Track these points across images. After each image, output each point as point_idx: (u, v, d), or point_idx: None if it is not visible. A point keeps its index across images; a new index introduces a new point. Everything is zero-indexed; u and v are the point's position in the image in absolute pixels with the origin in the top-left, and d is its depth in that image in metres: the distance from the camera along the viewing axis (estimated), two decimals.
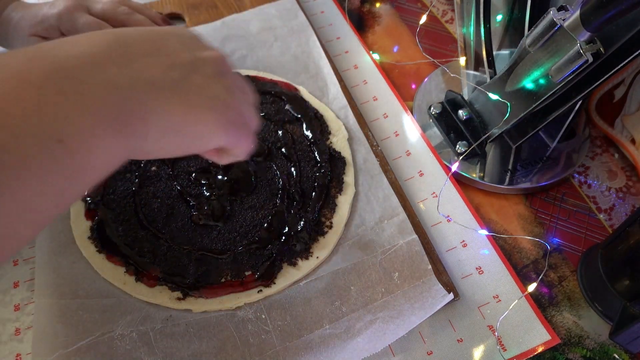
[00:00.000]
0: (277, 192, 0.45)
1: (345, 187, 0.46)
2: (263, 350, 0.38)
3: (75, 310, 0.39)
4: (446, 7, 0.67)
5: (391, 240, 0.43)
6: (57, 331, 0.38)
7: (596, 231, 0.46)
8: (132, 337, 0.38)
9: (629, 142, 0.50)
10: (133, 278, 0.41)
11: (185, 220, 0.44)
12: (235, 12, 0.62)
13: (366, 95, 0.56)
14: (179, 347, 0.38)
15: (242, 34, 0.60)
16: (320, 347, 0.38)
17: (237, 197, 0.45)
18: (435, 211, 0.47)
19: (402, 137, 0.52)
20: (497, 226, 0.47)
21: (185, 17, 0.62)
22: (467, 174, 0.49)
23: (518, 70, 0.42)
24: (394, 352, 0.39)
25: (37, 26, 0.51)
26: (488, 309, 0.41)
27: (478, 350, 0.39)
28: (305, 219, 0.43)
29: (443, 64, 0.57)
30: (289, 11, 0.61)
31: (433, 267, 0.41)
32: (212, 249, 0.42)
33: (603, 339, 0.40)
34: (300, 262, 0.42)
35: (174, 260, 0.42)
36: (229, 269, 0.41)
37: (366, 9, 0.67)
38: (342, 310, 0.40)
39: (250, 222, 0.44)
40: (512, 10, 0.52)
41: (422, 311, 0.38)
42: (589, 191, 0.49)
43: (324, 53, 0.56)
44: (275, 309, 0.40)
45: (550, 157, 0.50)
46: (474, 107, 0.49)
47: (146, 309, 0.40)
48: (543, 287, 0.43)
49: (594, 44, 0.36)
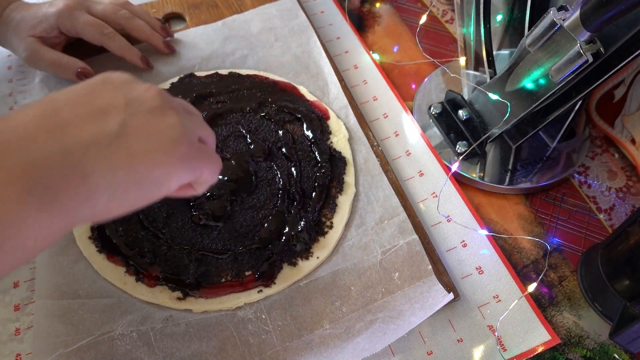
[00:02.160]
0: (278, 192, 0.45)
1: (345, 187, 0.46)
2: (263, 350, 0.38)
3: (76, 310, 0.39)
4: (446, 7, 0.67)
5: (391, 240, 0.43)
6: (58, 331, 0.38)
7: (596, 231, 0.46)
8: (132, 337, 0.38)
9: (629, 142, 0.50)
10: (133, 278, 0.41)
11: (186, 221, 0.44)
12: (236, 12, 0.62)
13: (366, 95, 0.56)
14: (179, 347, 0.38)
15: (243, 34, 0.60)
16: (320, 347, 0.38)
17: (238, 197, 0.45)
18: (435, 211, 0.47)
19: (402, 137, 0.52)
20: (497, 226, 0.47)
21: (186, 16, 0.62)
22: (467, 174, 0.49)
23: (518, 70, 0.42)
24: (394, 352, 0.39)
25: (36, 26, 0.51)
26: (488, 309, 0.41)
27: (478, 350, 0.39)
28: (305, 219, 0.43)
29: (443, 64, 0.57)
30: (289, 11, 0.61)
31: (433, 267, 0.41)
32: (212, 249, 0.42)
33: (603, 339, 0.40)
34: (301, 262, 0.42)
35: (174, 261, 0.42)
36: (229, 269, 0.41)
37: (366, 9, 0.67)
38: (342, 310, 0.40)
39: (250, 222, 0.44)
40: (512, 10, 0.52)
41: (422, 311, 0.38)
42: (589, 191, 0.49)
43: (325, 53, 0.56)
44: (275, 309, 0.40)
45: (550, 157, 0.50)
46: (474, 107, 0.49)
47: (146, 309, 0.40)
48: (543, 287, 0.43)
49: (594, 44, 0.36)
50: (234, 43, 0.59)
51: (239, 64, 0.57)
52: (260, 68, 0.56)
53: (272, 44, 0.59)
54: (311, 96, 0.53)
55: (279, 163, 0.47)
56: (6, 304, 0.41)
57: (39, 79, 0.55)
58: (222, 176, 0.46)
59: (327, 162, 0.47)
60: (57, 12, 0.51)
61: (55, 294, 0.40)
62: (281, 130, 0.50)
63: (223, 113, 0.51)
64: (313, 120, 0.50)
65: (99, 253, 0.42)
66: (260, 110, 0.51)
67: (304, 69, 0.56)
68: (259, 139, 0.49)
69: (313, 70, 0.56)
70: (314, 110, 0.51)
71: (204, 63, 0.57)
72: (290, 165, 0.47)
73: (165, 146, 0.28)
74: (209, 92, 0.53)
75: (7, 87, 0.56)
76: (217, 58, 0.57)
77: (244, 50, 0.58)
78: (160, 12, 0.62)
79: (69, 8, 0.51)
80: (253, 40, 0.59)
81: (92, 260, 0.42)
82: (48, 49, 0.52)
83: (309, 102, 0.52)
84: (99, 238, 0.43)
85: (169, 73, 0.56)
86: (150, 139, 0.27)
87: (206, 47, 0.58)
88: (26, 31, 0.51)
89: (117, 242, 0.42)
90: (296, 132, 0.50)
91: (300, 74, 0.56)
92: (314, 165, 0.47)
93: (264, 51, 0.58)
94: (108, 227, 0.43)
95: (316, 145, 0.48)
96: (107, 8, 0.54)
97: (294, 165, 0.47)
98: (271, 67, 0.56)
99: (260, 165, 0.47)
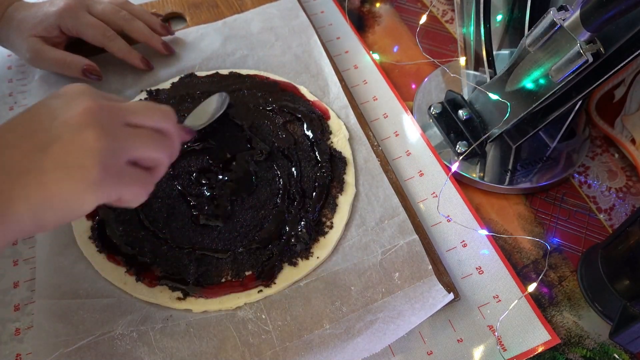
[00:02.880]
0: (278, 192, 0.45)
1: (345, 187, 0.46)
2: (263, 350, 0.38)
3: (76, 309, 0.39)
4: (446, 7, 0.67)
5: (392, 240, 0.43)
6: (58, 330, 0.38)
7: (596, 231, 0.46)
8: (132, 336, 0.38)
9: (629, 142, 0.50)
10: (133, 278, 0.41)
11: (186, 220, 0.44)
12: (237, 12, 0.62)
13: (366, 95, 0.56)
14: (179, 347, 0.38)
15: (243, 34, 0.60)
16: (320, 347, 0.38)
17: (238, 197, 0.45)
18: (435, 211, 0.47)
19: (402, 137, 0.52)
20: (497, 226, 0.47)
21: (187, 16, 0.62)
22: (467, 174, 0.49)
23: (518, 70, 0.42)
24: (394, 352, 0.39)
25: (37, 26, 0.51)
26: (488, 309, 0.41)
27: (478, 350, 0.39)
28: (305, 219, 0.43)
29: (443, 64, 0.57)
30: (290, 11, 0.61)
31: (433, 267, 0.41)
32: (212, 249, 0.42)
33: (603, 339, 0.40)
34: (301, 262, 0.42)
35: (174, 260, 0.42)
36: (229, 269, 0.41)
37: (366, 9, 0.67)
38: (343, 310, 0.40)
39: (250, 222, 0.44)
40: (512, 10, 0.52)
41: (422, 312, 0.38)
42: (589, 191, 0.49)
43: (325, 53, 0.56)
44: (275, 309, 0.40)
45: (550, 157, 0.50)
46: (474, 107, 0.49)
47: (146, 308, 0.40)
48: (543, 287, 0.43)
49: (594, 44, 0.36)
50: (234, 43, 0.59)
51: (240, 63, 0.57)
52: (261, 68, 0.56)
53: (273, 43, 0.59)
54: (311, 96, 0.53)
55: (279, 163, 0.47)
56: (6, 304, 0.41)
57: (38, 76, 0.55)
58: (222, 176, 0.46)
59: (328, 162, 0.47)
60: (58, 11, 0.51)
61: (55, 294, 0.40)
62: (281, 130, 0.50)
63: (223, 113, 0.51)
64: (313, 120, 0.50)
65: (99, 253, 0.42)
66: (260, 110, 0.51)
67: (304, 68, 0.56)
68: (259, 139, 0.49)
69: (313, 70, 0.56)
70: (314, 110, 0.51)
71: (205, 63, 0.57)
72: (290, 165, 0.47)
73: (74, 174, 0.29)
74: (210, 92, 0.53)
75: (7, 87, 0.56)
76: (217, 58, 0.57)
77: (245, 50, 0.58)
78: (160, 12, 0.62)
79: (70, 7, 0.51)
80: (253, 40, 0.59)
81: (93, 260, 0.42)
82: (51, 47, 0.52)
83: (309, 102, 0.52)
84: (99, 238, 0.43)
85: (169, 73, 0.56)
86: (61, 168, 0.29)
87: (207, 47, 0.58)
88: (28, 31, 0.51)
89: (117, 242, 0.43)
90: (296, 132, 0.50)
91: (301, 73, 0.56)
92: (314, 165, 0.47)
93: (265, 51, 0.58)
94: (109, 227, 0.43)
95: (316, 145, 0.48)
96: (107, 8, 0.53)
97: (294, 165, 0.47)
98: (272, 67, 0.56)
99: (260, 165, 0.47)
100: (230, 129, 0.50)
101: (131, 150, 0.32)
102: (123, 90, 0.54)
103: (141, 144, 0.33)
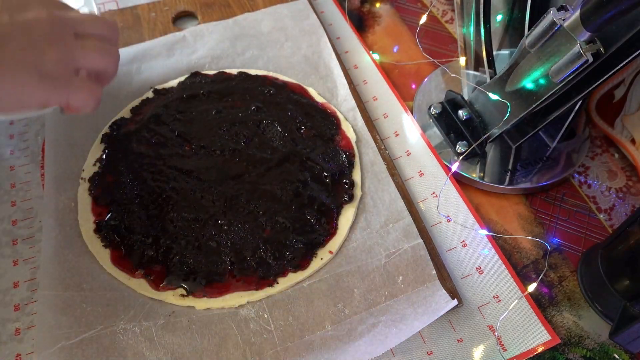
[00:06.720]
0: (285, 193, 0.45)
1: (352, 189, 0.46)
2: (264, 350, 0.38)
3: (79, 303, 0.39)
4: (446, 7, 0.67)
5: (396, 243, 0.43)
6: (61, 323, 0.38)
7: (596, 231, 0.46)
8: (134, 331, 0.38)
9: (629, 142, 0.50)
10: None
11: (190, 220, 0.44)
12: (248, 12, 0.62)
13: (366, 95, 0.56)
14: (181, 343, 0.38)
15: (254, 33, 0.60)
16: (322, 349, 0.38)
17: (239, 197, 0.45)
18: (435, 211, 0.47)
19: (402, 137, 0.52)
20: (497, 226, 0.47)
21: (198, 15, 0.62)
22: (467, 174, 0.49)
23: (518, 70, 0.42)
24: (394, 352, 0.39)
25: None
26: (488, 309, 0.41)
27: (478, 350, 0.39)
28: (313, 220, 0.43)
29: (443, 64, 0.57)
30: (300, 12, 0.61)
31: (437, 272, 0.41)
32: (217, 249, 0.42)
33: (603, 339, 0.40)
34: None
35: (178, 259, 0.42)
36: (233, 268, 0.41)
37: (366, 9, 0.67)
38: (345, 312, 0.39)
39: (256, 222, 0.44)
40: (512, 10, 0.52)
41: (425, 316, 0.38)
42: (589, 191, 0.49)
43: (335, 54, 0.56)
44: (277, 309, 0.40)
45: (550, 157, 0.50)
46: (474, 107, 0.49)
47: (150, 304, 0.40)
48: (543, 287, 0.43)
49: (594, 44, 0.36)
50: (244, 42, 0.59)
51: (249, 63, 0.57)
52: (270, 69, 0.56)
53: (283, 44, 0.59)
54: (320, 98, 0.53)
55: (287, 165, 0.47)
56: (6, 304, 0.41)
57: None
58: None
59: (335, 164, 0.47)
60: None
61: (59, 287, 0.40)
62: (289, 132, 0.50)
63: (232, 114, 0.51)
64: (321, 122, 0.50)
65: (104, 248, 0.42)
66: (269, 111, 0.51)
67: (313, 70, 0.56)
68: (267, 140, 0.49)
69: (323, 71, 0.56)
70: (322, 113, 0.51)
71: (214, 62, 0.57)
72: (297, 167, 0.47)
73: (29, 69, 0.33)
74: (217, 92, 0.53)
75: None
76: (227, 57, 0.57)
77: (254, 50, 0.58)
78: (172, 11, 0.62)
79: None
80: (263, 39, 0.59)
81: (97, 254, 0.42)
82: None
83: (317, 104, 0.52)
84: (105, 234, 0.43)
85: (179, 71, 0.56)
86: (17, 60, 0.32)
87: (217, 46, 0.58)
88: None
89: (121, 239, 0.43)
90: (304, 134, 0.50)
91: (310, 75, 0.56)
92: (321, 167, 0.47)
93: (274, 51, 0.58)
94: (114, 222, 0.43)
95: (324, 148, 0.48)
96: None
97: (302, 167, 0.47)
98: (281, 68, 0.56)
99: (268, 166, 0.47)
100: (238, 129, 0.50)
101: (80, 59, 0.36)
102: None
103: (89, 53, 0.36)
